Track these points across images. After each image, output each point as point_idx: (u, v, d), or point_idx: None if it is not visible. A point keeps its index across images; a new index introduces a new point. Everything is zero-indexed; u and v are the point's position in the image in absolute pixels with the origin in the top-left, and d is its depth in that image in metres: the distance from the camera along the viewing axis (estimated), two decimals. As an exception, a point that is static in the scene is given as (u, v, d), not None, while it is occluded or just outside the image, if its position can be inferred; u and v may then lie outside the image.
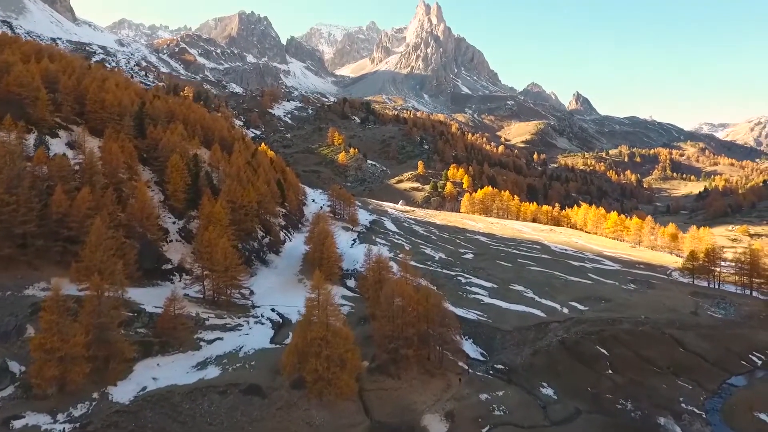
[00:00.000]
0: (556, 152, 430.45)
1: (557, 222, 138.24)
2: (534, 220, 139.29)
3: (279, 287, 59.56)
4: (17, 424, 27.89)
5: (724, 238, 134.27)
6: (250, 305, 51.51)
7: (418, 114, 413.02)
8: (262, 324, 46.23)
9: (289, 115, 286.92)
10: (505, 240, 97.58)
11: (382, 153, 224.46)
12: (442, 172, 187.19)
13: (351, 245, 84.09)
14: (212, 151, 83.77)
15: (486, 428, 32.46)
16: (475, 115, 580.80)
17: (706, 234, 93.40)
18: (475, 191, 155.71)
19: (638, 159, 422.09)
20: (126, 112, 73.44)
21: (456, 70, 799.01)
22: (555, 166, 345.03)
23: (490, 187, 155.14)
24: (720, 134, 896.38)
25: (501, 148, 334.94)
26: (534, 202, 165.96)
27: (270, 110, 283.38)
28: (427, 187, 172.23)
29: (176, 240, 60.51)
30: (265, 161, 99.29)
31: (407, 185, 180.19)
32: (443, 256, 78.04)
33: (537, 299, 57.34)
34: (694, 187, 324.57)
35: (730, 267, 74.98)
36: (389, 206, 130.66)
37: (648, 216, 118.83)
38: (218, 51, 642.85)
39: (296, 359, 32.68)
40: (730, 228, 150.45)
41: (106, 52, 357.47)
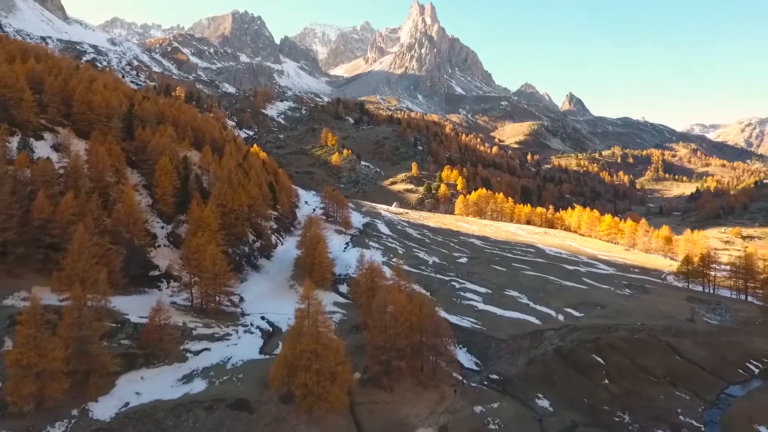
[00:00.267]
0: (550, 153, 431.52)
1: (551, 224, 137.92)
2: (528, 222, 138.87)
3: (270, 293, 58.43)
4: (-9, 445, 26.69)
5: (717, 240, 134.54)
6: (240, 313, 50.34)
7: (412, 114, 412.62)
8: (252, 333, 45.09)
9: (283, 116, 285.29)
10: (500, 243, 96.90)
11: (376, 154, 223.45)
12: (436, 174, 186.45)
13: (344, 249, 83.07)
14: (203, 154, 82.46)
15: (481, 443, 31.59)
16: (469, 116, 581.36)
17: (700, 237, 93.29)
18: (469, 193, 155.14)
19: (631, 160, 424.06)
20: (114, 114, 72.05)
21: (450, 71, 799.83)
22: (548, 167, 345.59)
23: (484, 189, 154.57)
24: (711, 135, 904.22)
25: (495, 149, 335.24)
26: (528, 204, 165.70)
27: (263, 110, 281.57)
28: (421, 189, 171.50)
29: (164, 245, 59.18)
30: (257, 163, 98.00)
31: (401, 187, 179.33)
32: (437, 260, 77.17)
33: (532, 305, 56.57)
34: (687, 188, 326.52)
35: (725, 271, 74.81)
36: (383, 208, 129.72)
37: (642, 219, 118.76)
38: (211, 50, 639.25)
39: (285, 372, 31.62)
40: (723, 230, 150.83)
41: (98, 52, 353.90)
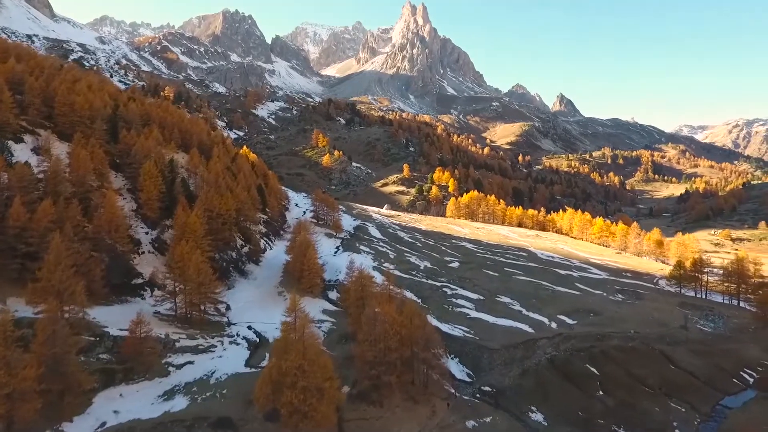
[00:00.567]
0: (541, 154, 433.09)
1: (543, 227, 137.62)
2: (520, 225, 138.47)
3: (257, 301, 57.01)
4: (-44, 471, 25.15)
5: (707, 243, 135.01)
6: (226, 322, 48.91)
7: (404, 115, 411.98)
8: (237, 344, 43.71)
9: (273, 116, 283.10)
10: (492, 247, 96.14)
11: (368, 155, 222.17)
12: (428, 175, 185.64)
13: (334, 253, 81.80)
14: (190, 156, 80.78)
15: (473, 461, 30.57)
16: (461, 116, 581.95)
17: (692, 241, 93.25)
18: (461, 195, 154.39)
19: (621, 161, 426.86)
20: (98, 116, 70.18)
21: (442, 71, 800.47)
22: (540, 168, 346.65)
23: (476, 191, 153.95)
24: (699, 136, 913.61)
25: (486, 150, 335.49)
26: (520, 206, 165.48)
27: (253, 111, 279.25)
28: (413, 191, 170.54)
29: (149, 252, 57.57)
30: (246, 166, 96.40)
31: (392, 189, 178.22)
32: (428, 265, 76.18)
33: (524, 312, 55.75)
34: (676, 189, 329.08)
35: (717, 275, 74.52)
36: (374, 211, 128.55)
37: (634, 222, 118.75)
38: (201, 50, 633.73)
39: (270, 390, 30.32)
40: (713, 232, 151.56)
41: (85, 50, 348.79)
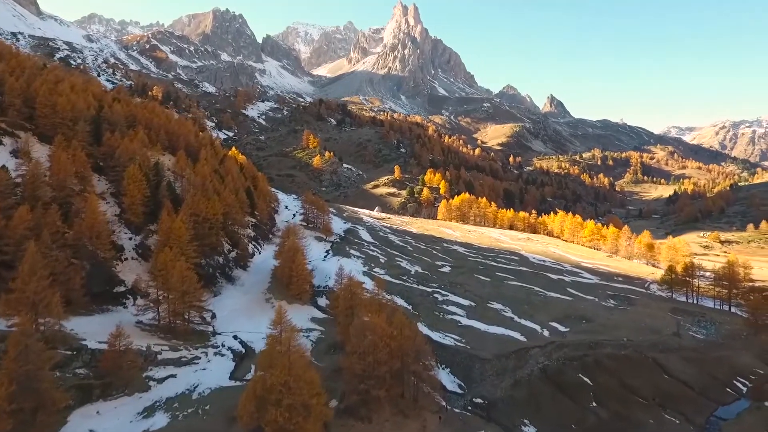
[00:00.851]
0: (532, 155, 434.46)
1: (534, 229, 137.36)
2: (511, 227, 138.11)
3: (244, 309, 55.63)
4: None
5: (697, 245, 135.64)
6: (211, 332, 47.53)
7: (395, 116, 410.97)
8: (222, 356, 42.39)
9: (264, 116, 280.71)
10: (483, 250, 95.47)
11: (359, 156, 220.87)
12: (419, 177, 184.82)
13: (324, 258, 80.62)
14: (177, 159, 79.11)
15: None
16: (452, 117, 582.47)
17: (682, 245, 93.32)
18: (452, 197, 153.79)
19: (611, 162, 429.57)
20: (81, 117, 68.43)
21: (433, 72, 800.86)
22: (530, 169, 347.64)
23: (467, 194, 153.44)
24: (687, 137, 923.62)
25: (477, 151, 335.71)
26: (511, 208, 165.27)
27: (243, 111, 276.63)
28: (404, 193, 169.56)
29: (132, 258, 55.94)
30: (234, 168, 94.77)
31: (383, 190, 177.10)
32: (419, 270, 75.25)
33: (516, 319, 55.02)
34: (665, 191, 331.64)
35: (708, 279, 74.45)
36: (365, 213, 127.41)
37: (625, 226, 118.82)
38: (191, 49, 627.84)
39: (254, 407, 29.13)
40: (702, 234, 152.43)
41: (72, 49, 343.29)
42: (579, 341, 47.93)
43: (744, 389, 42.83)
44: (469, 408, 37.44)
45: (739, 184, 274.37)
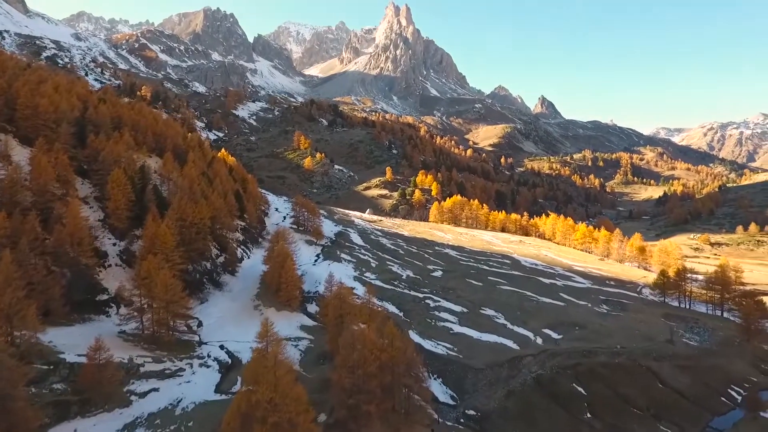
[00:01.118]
0: (523, 156, 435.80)
1: (526, 231, 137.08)
2: (503, 230, 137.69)
3: (232, 316, 54.34)
4: None
5: (687, 247, 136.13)
6: (197, 341, 46.21)
7: (387, 116, 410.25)
8: (208, 367, 41.11)
9: (254, 117, 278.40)
10: (475, 254, 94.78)
11: (350, 158, 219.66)
12: (411, 179, 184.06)
13: (314, 262, 79.48)
14: (164, 161, 77.47)
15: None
16: (444, 118, 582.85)
17: (674, 248, 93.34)
18: (444, 199, 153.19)
19: (601, 163, 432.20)
20: (64, 119, 66.72)
21: (425, 73, 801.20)
22: (522, 170, 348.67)
23: (459, 195, 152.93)
24: (676, 138, 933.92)
25: (469, 152, 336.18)
26: (503, 210, 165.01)
27: (234, 111, 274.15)
28: (395, 194, 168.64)
29: (116, 264, 54.39)
30: (223, 171, 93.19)
31: (375, 192, 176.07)
32: (411, 275, 74.34)
33: (509, 326, 54.27)
34: (654, 192, 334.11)
35: (700, 281, 74.26)
36: (356, 216, 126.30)
37: (617, 229, 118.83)
38: (181, 48, 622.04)
39: (238, 424, 27.97)
40: (692, 236, 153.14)
41: (59, 47, 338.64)
42: (572, 349, 47.29)
43: (739, 398, 42.45)
44: (462, 420, 36.58)
45: (728, 186, 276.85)
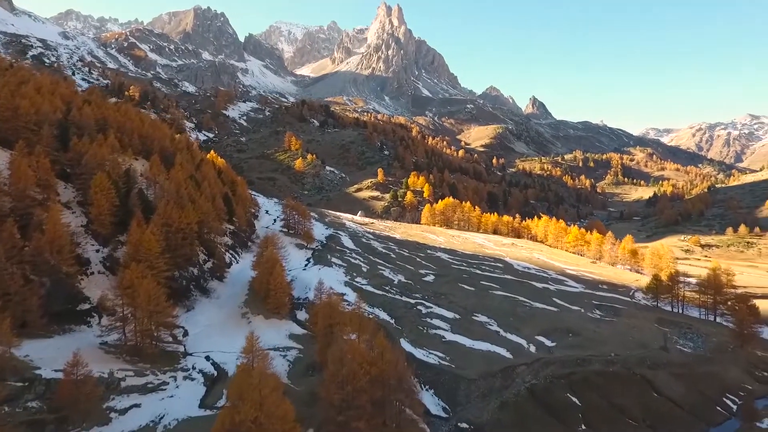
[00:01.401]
0: (515, 156, 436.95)
1: (518, 234, 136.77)
2: (495, 232, 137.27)
3: (219, 324, 52.96)
4: None
5: (678, 249, 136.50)
6: (182, 352, 44.82)
7: (379, 117, 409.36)
8: (193, 380, 39.78)
9: (245, 117, 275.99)
10: (467, 257, 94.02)
11: (342, 159, 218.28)
12: (403, 180, 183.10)
13: (304, 266, 78.21)
14: (151, 164, 75.82)
15: None
16: (436, 118, 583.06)
17: (666, 251, 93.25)
18: (436, 201, 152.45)
19: (592, 164, 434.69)
20: (46, 121, 65.00)
21: (417, 73, 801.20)
22: (513, 171, 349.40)
23: (451, 197, 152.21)
24: (665, 139, 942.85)
25: (461, 153, 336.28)
26: (495, 211, 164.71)
27: (224, 111, 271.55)
28: (387, 196, 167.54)
29: (99, 272, 52.72)
30: (211, 173, 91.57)
31: (367, 194, 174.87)
32: (403, 279, 73.33)
33: (502, 333, 53.45)
34: (644, 192, 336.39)
35: (692, 284, 74.02)
36: (347, 218, 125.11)
37: (609, 232, 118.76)
38: (171, 47, 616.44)
39: (222, 445, 26.79)
40: (683, 238, 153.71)
41: (46, 46, 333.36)
42: (566, 357, 46.55)
43: (734, 407, 41.96)
44: (454, 434, 35.63)
45: (717, 186, 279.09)
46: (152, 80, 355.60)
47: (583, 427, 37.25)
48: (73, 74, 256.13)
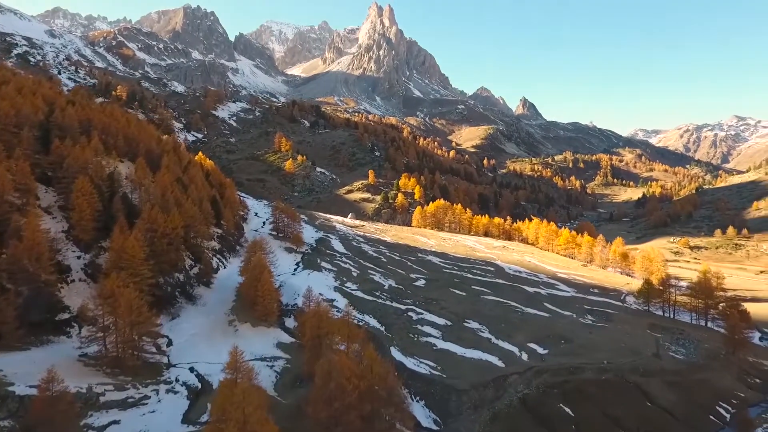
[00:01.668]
0: (505, 157, 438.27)
1: (509, 236, 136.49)
2: (486, 234, 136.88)
3: (204, 333, 51.57)
4: None
5: (667, 251, 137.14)
6: (165, 364, 43.42)
7: (370, 117, 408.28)
8: (176, 393, 38.47)
9: (235, 118, 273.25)
10: (458, 261, 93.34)
11: (332, 160, 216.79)
12: (394, 182, 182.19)
13: (293, 271, 76.98)
14: (136, 166, 74.09)
15: None
16: (427, 119, 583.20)
17: (657, 255, 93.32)
18: (427, 203, 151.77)
19: (582, 165, 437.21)
20: (26, 123, 63.18)
21: (408, 73, 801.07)
22: (504, 172, 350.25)
23: (442, 199, 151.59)
24: (653, 140, 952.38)
25: (452, 153, 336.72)
26: (486, 213, 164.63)
27: (214, 112, 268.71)
28: (378, 198, 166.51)
29: (80, 279, 51.08)
30: (199, 176, 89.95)
31: (357, 196, 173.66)
32: (393, 284, 72.38)
33: (494, 340, 52.70)
34: (634, 193, 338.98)
35: (683, 288, 73.93)
36: (337, 221, 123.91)
37: (600, 235, 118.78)
38: (160, 46, 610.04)
39: (204, 467, 25.67)
40: (672, 240, 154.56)
41: (31, 44, 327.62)
42: (559, 365, 45.87)
43: (727, 416, 41.56)
44: (446, 448, 34.74)
45: (704, 187, 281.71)
46: (141, 80, 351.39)
47: (577, 439, 36.57)
48: (59, 73, 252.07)
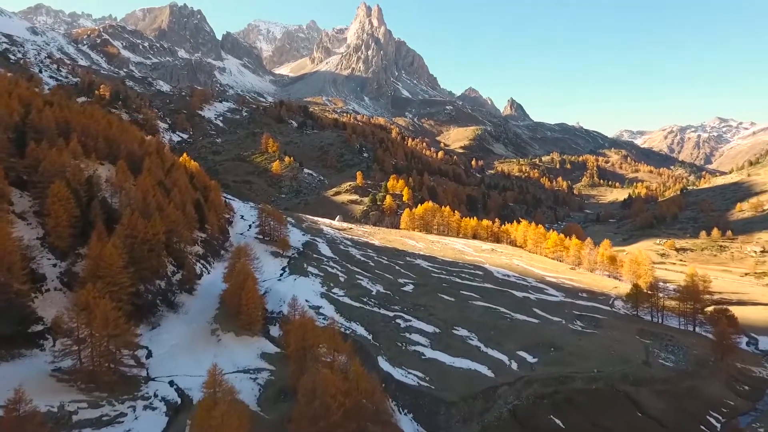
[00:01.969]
0: (493, 158, 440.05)
1: (497, 238, 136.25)
2: (474, 236, 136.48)
3: (186, 344, 49.93)
4: None
5: (654, 253, 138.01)
6: (143, 378, 41.81)
7: (359, 117, 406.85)
8: (154, 409, 36.94)
9: (221, 118, 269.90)
10: (447, 264, 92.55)
11: (320, 161, 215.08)
12: (382, 183, 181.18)
13: (279, 276, 75.56)
14: (117, 169, 72.05)
15: None
16: (415, 119, 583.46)
17: (644, 258, 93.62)
18: (416, 205, 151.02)
19: (568, 166, 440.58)
20: (1, 125, 61.03)
21: (396, 74, 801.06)
22: (492, 173, 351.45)
23: (431, 201, 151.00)
24: (639, 141, 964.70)
25: (441, 154, 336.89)
26: (474, 215, 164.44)
27: (200, 111, 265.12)
28: (366, 200, 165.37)
29: (55, 288, 49.13)
30: (183, 179, 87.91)
31: (345, 197, 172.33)
32: (381, 290, 71.30)
33: (483, 348, 51.86)
34: (619, 194, 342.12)
35: (670, 291, 74.00)
36: (325, 224, 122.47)
37: (588, 238, 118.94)
38: (146, 44, 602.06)
39: (180, 494, 24.34)
40: (658, 242, 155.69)
41: (12, 42, 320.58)
42: (548, 375, 45.17)
43: (718, 426, 41.17)
44: (434, 464, 33.77)
45: (689, 188, 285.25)
46: (125, 78, 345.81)
47: (568, 453, 35.86)
48: (41, 72, 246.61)
